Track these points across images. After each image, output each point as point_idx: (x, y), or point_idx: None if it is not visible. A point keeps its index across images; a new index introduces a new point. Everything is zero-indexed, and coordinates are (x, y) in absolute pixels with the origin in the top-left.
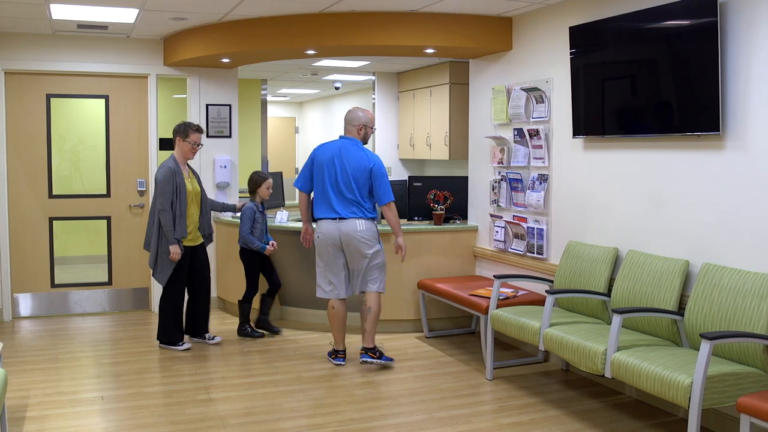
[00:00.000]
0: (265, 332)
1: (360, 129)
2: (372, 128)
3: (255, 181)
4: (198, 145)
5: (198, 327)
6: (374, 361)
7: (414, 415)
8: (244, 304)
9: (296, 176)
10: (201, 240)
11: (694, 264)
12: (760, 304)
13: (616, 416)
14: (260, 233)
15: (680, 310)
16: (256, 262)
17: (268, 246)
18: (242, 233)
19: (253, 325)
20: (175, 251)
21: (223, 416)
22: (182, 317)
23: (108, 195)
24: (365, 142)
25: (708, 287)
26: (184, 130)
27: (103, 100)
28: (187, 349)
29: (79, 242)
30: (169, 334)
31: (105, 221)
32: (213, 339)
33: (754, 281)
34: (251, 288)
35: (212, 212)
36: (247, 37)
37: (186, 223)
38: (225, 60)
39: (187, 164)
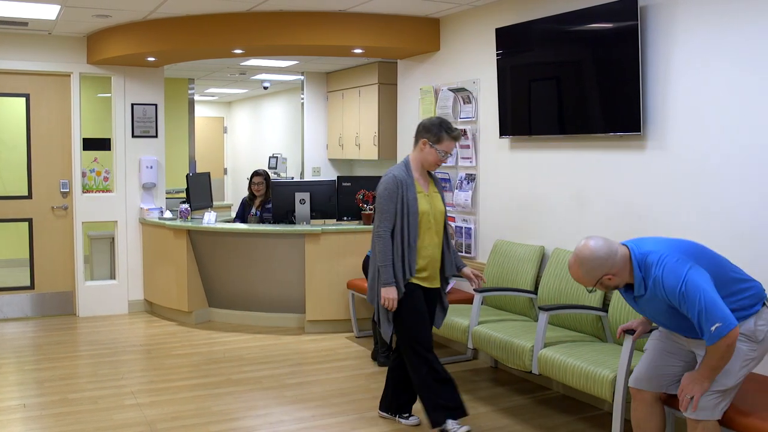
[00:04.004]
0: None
1: None
2: None
3: None
4: (449, 156)
5: (399, 400)
6: None
7: (345, 415)
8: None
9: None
10: (438, 282)
11: None
12: None
13: (543, 412)
14: None
15: (604, 306)
16: None
17: None
18: None
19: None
20: (389, 296)
21: (151, 421)
22: (441, 384)
23: (29, 197)
24: None
25: None
26: (437, 132)
27: (24, 98)
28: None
29: None
30: (438, 411)
31: (26, 223)
32: (410, 419)
33: None
34: None
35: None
36: (172, 35)
37: (416, 256)
38: (150, 58)
39: (429, 173)
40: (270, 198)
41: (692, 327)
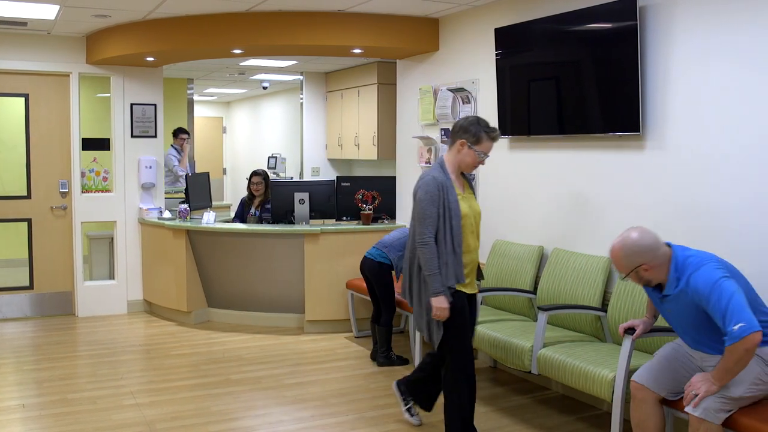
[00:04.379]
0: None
1: None
2: None
3: None
4: (487, 157)
5: (428, 396)
6: None
7: (344, 415)
8: (386, 327)
9: None
10: (475, 288)
11: None
12: None
13: (543, 411)
14: None
15: (603, 306)
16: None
17: None
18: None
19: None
20: (440, 305)
21: (150, 421)
22: (473, 401)
23: (28, 197)
24: None
25: (629, 283)
26: (476, 132)
27: (23, 98)
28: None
29: None
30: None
31: (25, 223)
32: (414, 417)
33: None
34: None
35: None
36: (172, 35)
37: (463, 261)
38: (149, 58)
39: (463, 174)
40: (269, 198)
41: (710, 339)
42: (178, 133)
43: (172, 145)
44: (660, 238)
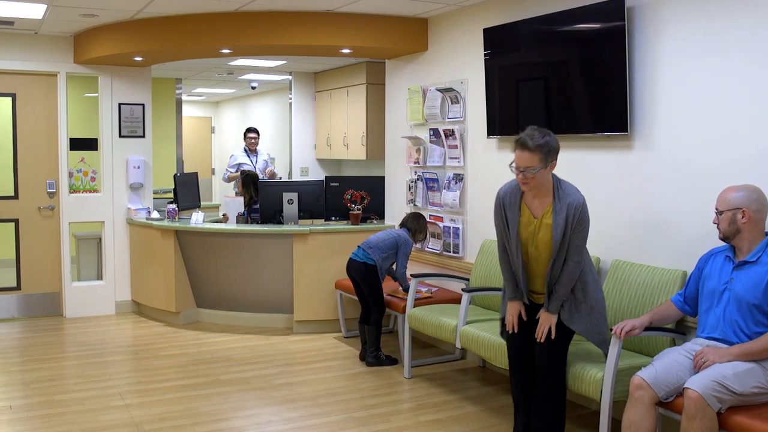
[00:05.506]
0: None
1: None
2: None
3: (423, 224)
4: (522, 171)
5: None
6: None
7: (333, 416)
8: (375, 327)
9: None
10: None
11: (605, 261)
12: (667, 298)
13: None
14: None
15: None
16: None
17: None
18: (400, 271)
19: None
20: (509, 311)
21: (139, 422)
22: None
23: (16, 197)
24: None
25: (618, 283)
26: (555, 148)
27: (10, 98)
28: None
29: None
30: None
31: (13, 224)
32: None
33: (662, 276)
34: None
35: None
36: (160, 35)
37: (526, 278)
38: (138, 58)
39: (557, 193)
40: (257, 198)
41: (748, 322)
42: (246, 133)
43: (244, 147)
44: None
